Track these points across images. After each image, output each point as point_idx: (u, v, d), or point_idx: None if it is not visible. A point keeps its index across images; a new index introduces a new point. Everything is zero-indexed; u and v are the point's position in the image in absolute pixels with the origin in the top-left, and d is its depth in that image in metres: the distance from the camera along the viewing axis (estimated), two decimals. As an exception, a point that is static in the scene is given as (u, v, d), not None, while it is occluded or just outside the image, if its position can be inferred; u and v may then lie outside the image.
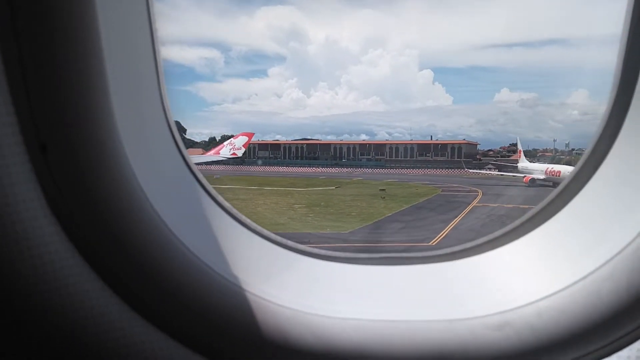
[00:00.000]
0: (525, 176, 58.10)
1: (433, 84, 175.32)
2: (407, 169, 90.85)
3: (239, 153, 44.76)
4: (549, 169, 55.23)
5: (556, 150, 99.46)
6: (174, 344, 1.20)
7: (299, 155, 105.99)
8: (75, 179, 1.09)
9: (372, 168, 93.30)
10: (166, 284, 1.17)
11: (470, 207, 38.17)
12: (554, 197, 1.49)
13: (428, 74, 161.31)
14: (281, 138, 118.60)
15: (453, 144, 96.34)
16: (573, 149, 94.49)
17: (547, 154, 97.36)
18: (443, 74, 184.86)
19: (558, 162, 78.30)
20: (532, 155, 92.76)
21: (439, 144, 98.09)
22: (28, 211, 1.07)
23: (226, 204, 1.48)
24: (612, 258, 1.17)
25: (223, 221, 1.45)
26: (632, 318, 1.14)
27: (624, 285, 1.13)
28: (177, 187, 1.42)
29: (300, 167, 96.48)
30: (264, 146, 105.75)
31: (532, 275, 1.34)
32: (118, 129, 1.10)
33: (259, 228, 1.50)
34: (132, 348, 1.18)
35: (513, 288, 1.31)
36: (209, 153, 47.12)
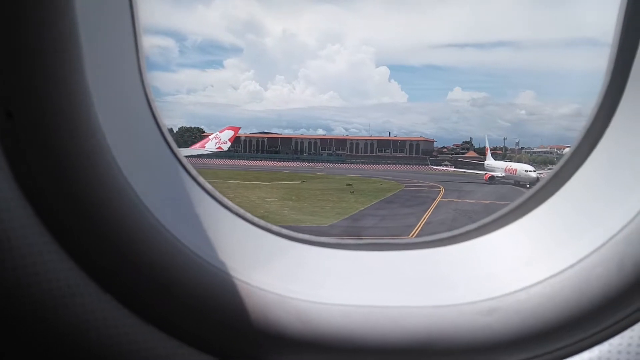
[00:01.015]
0: (486, 173, 60.96)
1: (389, 81, 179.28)
2: (367, 164, 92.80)
3: (225, 147, 44.48)
4: (507, 167, 57.86)
5: (506, 149, 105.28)
6: (157, 333, 1.16)
7: (260, 149, 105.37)
8: (44, 151, 1.02)
9: (333, 163, 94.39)
10: (149, 269, 1.12)
11: (436, 202, 39.86)
12: (545, 182, 1.47)
13: (384, 71, 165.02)
14: (239, 131, 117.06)
15: (411, 140, 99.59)
16: (522, 147, 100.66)
17: (497, 151, 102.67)
18: (399, 71, 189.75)
19: (509, 159, 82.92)
20: (483, 153, 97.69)
21: (398, 140, 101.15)
22: None
23: (209, 187, 1.44)
24: (604, 244, 1.15)
25: (208, 205, 1.42)
26: (623, 305, 1.13)
27: (615, 272, 1.11)
28: (158, 168, 1.36)
29: (262, 160, 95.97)
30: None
31: (523, 261, 1.32)
32: (93, 100, 1.04)
33: (243, 212, 1.46)
34: (115, 339, 1.13)
35: (503, 274, 1.30)
36: (194, 146, 46.41)
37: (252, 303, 1.18)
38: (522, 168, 54.45)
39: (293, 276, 1.31)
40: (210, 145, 43.94)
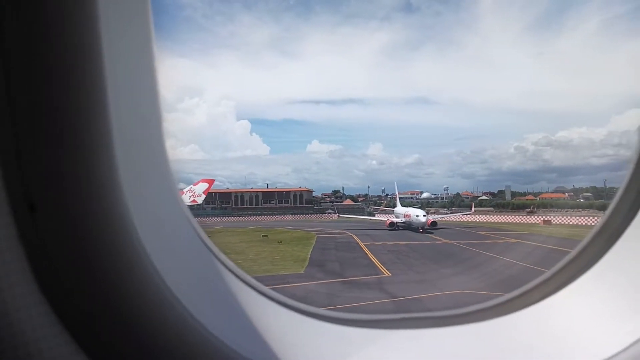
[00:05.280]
0: (388, 219, 63.52)
1: (251, 134, 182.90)
2: (255, 216, 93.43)
3: (199, 200, 41.66)
4: (405, 213, 60.95)
5: (371, 196, 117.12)
6: None
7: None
8: (69, 249, 0.94)
9: (219, 217, 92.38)
10: None
11: (363, 246, 43.05)
12: (590, 241, 1.36)
13: (246, 124, 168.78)
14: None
15: (295, 191, 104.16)
16: (387, 194, 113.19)
17: (361, 199, 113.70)
18: (260, 125, 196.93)
19: (379, 205, 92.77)
20: (354, 200, 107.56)
21: (282, 191, 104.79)
22: (11, 289, 0.90)
23: (240, 271, 1.43)
24: None
25: (243, 293, 1.37)
26: None
27: None
28: (195, 265, 1.30)
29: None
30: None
31: (593, 328, 1.24)
32: (123, 192, 0.96)
33: (278, 296, 1.44)
34: None
35: (573, 345, 1.21)
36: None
37: None
38: (414, 213, 57.16)
39: None
40: (184, 198, 41.13)
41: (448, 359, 1.33)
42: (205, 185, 46.52)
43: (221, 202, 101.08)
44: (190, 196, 43.84)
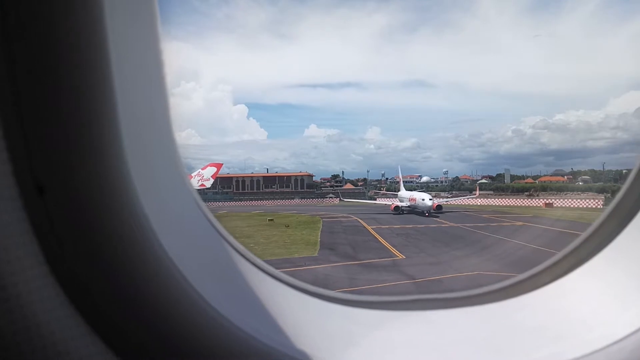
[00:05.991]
0: (392, 203, 62.76)
1: (248, 119, 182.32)
2: (257, 200, 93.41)
3: (208, 184, 41.55)
4: (410, 197, 59.87)
5: (371, 180, 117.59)
6: None
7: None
8: (78, 231, 0.95)
9: (221, 201, 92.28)
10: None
11: (372, 230, 43.15)
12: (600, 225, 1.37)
13: (243, 108, 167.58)
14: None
15: (296, 175, 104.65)
16: (387, 179, 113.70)
17: (360, 183, 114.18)
18: (257, 109, 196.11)
19: (380, 189, 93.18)
20: (354, 184, 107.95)
21: (283, 176, 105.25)
22: (23, 272, 0.91)
23: (249, 253, 1.42)
24: None
25: (253, 275, 1.36)
26: None
27: None
28: (205, 249, 1.31)
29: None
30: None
31: (600, 310, 1.25)
32: (131, 173, 0.98)
33: (288, 278, 1.44)
34: None
35: (580, 328, 1.21)
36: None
37: None
38: (420, 197, 56.37)
39: (351, 344, 1.27)
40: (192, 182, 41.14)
41: (458, 341, 1.34)
42: (213, 170, 46.27)
43: (222, 186, 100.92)
44: (199, 180, 43.67)
